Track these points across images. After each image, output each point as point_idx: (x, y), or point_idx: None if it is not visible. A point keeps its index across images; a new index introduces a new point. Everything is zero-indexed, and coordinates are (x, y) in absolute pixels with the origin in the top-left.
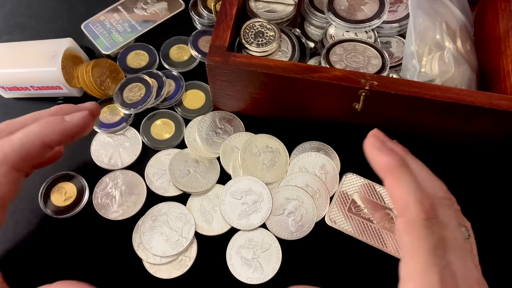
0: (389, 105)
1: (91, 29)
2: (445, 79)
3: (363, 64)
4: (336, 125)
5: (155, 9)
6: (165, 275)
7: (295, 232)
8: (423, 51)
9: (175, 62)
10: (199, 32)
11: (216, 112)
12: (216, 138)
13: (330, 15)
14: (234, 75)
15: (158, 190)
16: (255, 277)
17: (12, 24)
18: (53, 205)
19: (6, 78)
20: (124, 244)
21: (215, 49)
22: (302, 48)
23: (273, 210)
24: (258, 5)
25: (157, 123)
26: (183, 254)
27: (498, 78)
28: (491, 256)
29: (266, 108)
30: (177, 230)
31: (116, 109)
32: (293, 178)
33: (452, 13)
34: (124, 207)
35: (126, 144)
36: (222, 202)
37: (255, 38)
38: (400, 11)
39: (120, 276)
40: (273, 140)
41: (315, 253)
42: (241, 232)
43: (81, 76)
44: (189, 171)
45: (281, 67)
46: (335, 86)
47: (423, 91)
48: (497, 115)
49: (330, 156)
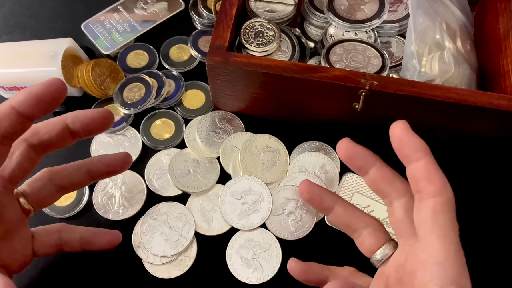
0: (389, 105)
1: (91, 29)
2: (445, 79)
3: (363, 64)
4: (336, 125)
5: (155, 9)
6: (165, 275)
7: (295, 232)
8: (423, 51)
9: (175, 62)
10: (199, 32)
11: (216, 112)
12: (216, 138)
13: (330, 15)
14: (234, 75)
15: (158, 190)
16: (255, 277)
17: (12, 24)
18: (53, 205)
19: (6, 78)
20: (124, 244)
21: (215, 49)
22: (302, 48)
23: (273, 210)
24: (258, 5)
25: (157, 123)
26: (183, 254)
27: (498, 78)
28: (484, 257)
29: (266, 108)
30: (177, 230)
31: (116, 109)
32: (293, 178)
33: (452, 13)
34: (124, 207)
35: (126, 144)
36: (222, 202)
37: (255, 38)
38: (400, 11)
39: (120, 276)
40: (273, 140)
41: (315, 253)
42: (241, 232)
43: (81, 76)
44: (189, 171)
45: (281, 67)
46: (335, 86)
47: (423, 91)
48: (497, 115)
49: (330, 156)
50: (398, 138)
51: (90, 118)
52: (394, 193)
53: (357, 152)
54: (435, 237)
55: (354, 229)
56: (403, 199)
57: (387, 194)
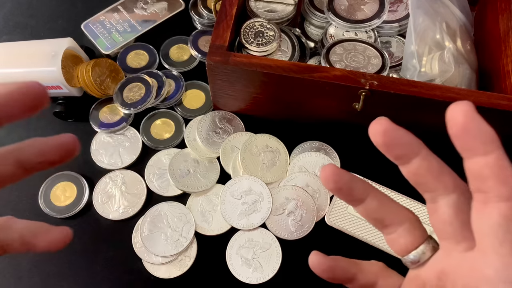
0: (389, 105)
1: (91, 29)
2: (445, 79)
3: (363, 63)
4: (336, 125)
5: (155, 9)
6: (165, 275)
7: (295, 232)
8: (423, 51)
9: (175, 62)
10: (199, 32)
11: (216, 112)
12: (216, 138)
13: (330, 15)
14: (234, 75)
15: (158, 190)
16: (255, 277)
17: (12, 24)
18: (53, 205)
19: (6, 78)
20: (124, 244)
21: (215, 49)
22: (302, 48)
23: (273, 210)
24: (258, 5)
25: (157, 123)
26: (183, 254)
27: (498, 78)
28: None
29: (266, 108)
30: (177, 230)
31: (116, 109)
32: (293, 178)
33: (452, 13)
34: (124, 207)
35: (126, 144)
36: (222, 202)
37: (255, 38)
38: (400, 11)
39: (120, 276)
40: (273, 140)
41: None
42: (241, 232)
43: (81, 76)
44: (189, 171)
45: (281, 67)
46: (335, 86)
47: (423, 91)
48: (497, 115)
49: (330, 156)
50: (458, 124)
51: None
52: (441, 189)
53: (400, 137)
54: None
55: (387, 224)
56: (452, 197)
57: (431, 189)
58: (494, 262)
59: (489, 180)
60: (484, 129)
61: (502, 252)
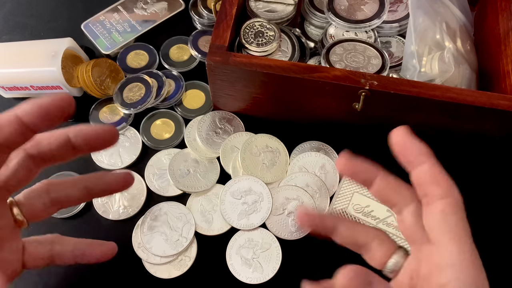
0: (389, 105)
1: (91, 29)
2: (445, 79)
3: (363, 64)
4: (336, 125)
5: (155, 9)
6: (165, 275)
7: (295, 232)
8: (423, 51)
9: (175, 62)
10: (199, 32)
11: (216, 112)
12: (216, 138)
13: (330, 15)
14: (234, 75)
15: (158, 190)
16: (255, 277)
17: (12, 24)
18: None
19: (6, 78)
20: (124, 244)
21: (215, 49)
22: (302, 48)
23: (273, 210)
24: (258, 5)
25: (157, 123)
26: (183, 254)
27: (498, 78)
28: (486, 258)
29: (266, 108)
30: (177, 230)
31: (116, 109)
32: (293, 178)
33: (452, 13)
34: (124, 207)
35: (126, 144)
36: (222, 202)
37: (255, 38)
38: (400, 11)
39: (120, 276)
40: (273, 140)
41: (315, 253)
42: (241, 232)
43: (81, 76)
44: (189, 171)
45: (281, 67)
46: (335, 86)
47: (423, 91)
48: (497, 115)
49: (330, 156)
50: (399, 144)
51: (94, 134)
52: (401, 201)
53: (357, 167)
54: (447, 239)
55: (361, 245)
56: (411, 206)
57: (394, 202)
58: (439, 250)
59: (427, 185)
60: (417, 144)
61: (444, 241)
